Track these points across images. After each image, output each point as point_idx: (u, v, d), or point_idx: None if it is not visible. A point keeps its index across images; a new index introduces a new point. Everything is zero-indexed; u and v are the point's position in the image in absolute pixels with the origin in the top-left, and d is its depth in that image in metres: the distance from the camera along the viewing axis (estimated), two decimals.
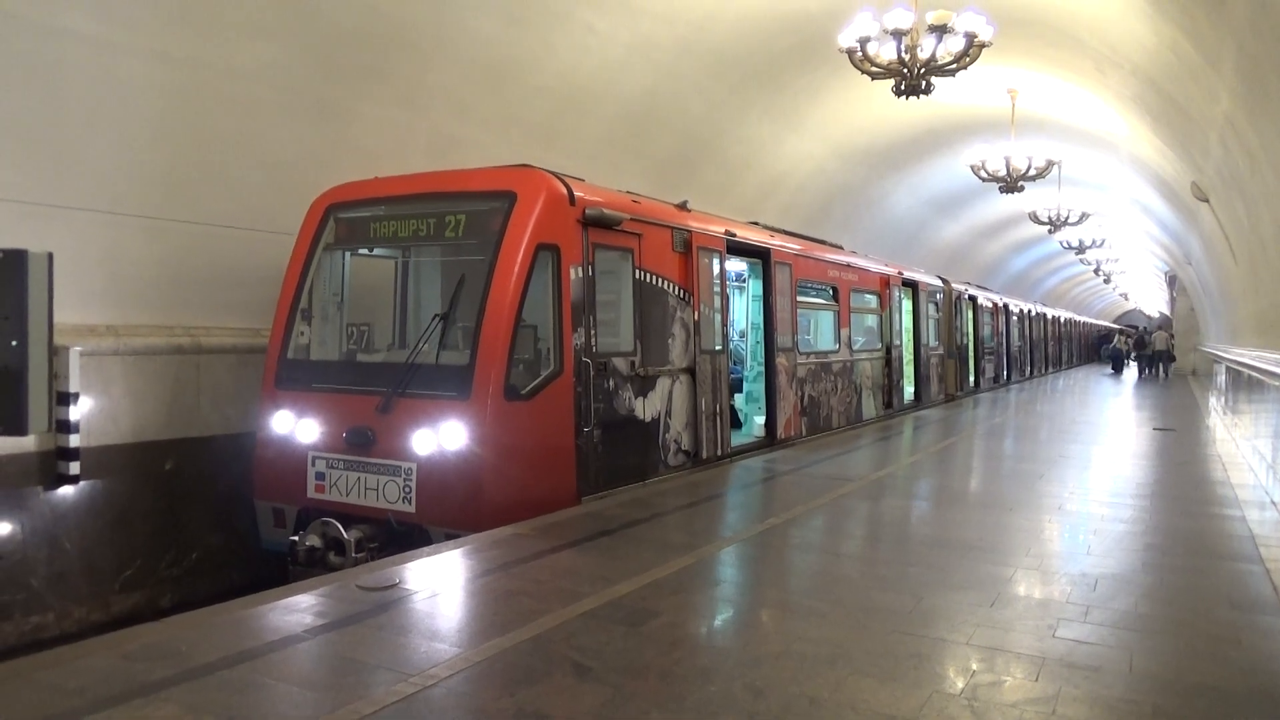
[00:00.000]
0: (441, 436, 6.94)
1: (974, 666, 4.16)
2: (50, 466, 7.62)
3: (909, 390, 17.38)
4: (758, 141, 15.52)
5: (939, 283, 19.60)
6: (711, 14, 11.44)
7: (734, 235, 10.50)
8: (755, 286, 12.18)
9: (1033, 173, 16.36)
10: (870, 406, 14.93)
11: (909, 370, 17.35)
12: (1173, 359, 33.60)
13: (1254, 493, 8.76)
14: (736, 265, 11.78)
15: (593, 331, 7.81)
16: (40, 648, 6.44)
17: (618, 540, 6.48)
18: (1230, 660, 4.27)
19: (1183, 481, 9.55)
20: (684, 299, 9.27)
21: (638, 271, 8.56)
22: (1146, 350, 33.81)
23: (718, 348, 9.90)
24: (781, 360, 11.51)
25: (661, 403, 8.79)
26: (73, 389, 7.58)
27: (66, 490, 7.75)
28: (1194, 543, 6.67)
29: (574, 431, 7.55)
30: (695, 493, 8.37)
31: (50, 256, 3.66)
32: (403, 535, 7.04)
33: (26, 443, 7.30)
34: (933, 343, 18.83)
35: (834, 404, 13.33)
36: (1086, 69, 12.49)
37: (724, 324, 10.18)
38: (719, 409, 9.79)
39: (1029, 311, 31.06)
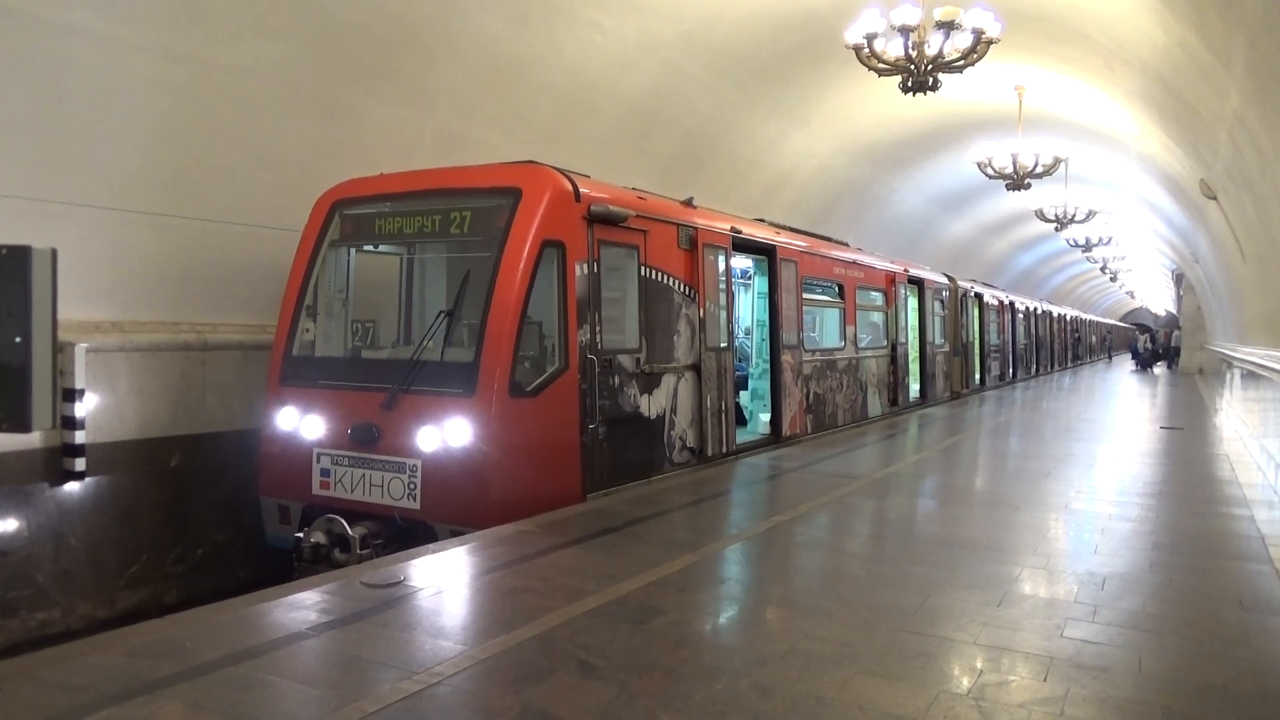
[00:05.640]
0: (446, 433, 6.94)
1: (981, 666, 4.13)
2: (56, 463, 7.63)
3: (914, 388, 17.33)
4: (764, 138, 15.49)
5: (945, 280, 19.54)
6: (718, 11, 11.40)
7: (739, 232, 10.47)
8: (761, 284, 12.15)
9: (1040, 170, 16.31)
10: (875, 404, 14.90)
11: (914, 368, 17.31)
12: (1163, 355, 36.92)
13: (1262, 492, 8.71)
14: (742, 262, 11.75)
15: (598, 328, 7.79)
16: (46, 644, 6.43)
17: (623, 538, 6.47)
18: (1240, 661, 4.24)
19: (1190, 480, 9.50)
20: (689, 296, 9.25)
21: (643, 268, 8.54)
22: (1156, 347, 38.77)
23: (723, 345, 9.88)
24: (787, 358, 11.48)
25: (666, 400, 8.77)
26: (78, 385, 7.59)
27: (72, 486, 7.76)
28: (1202, 542, 6.64)
29: (579, 428, 7.54)
30: (700, 490, 8.35)
31: (54, 252, 3.64)
32: (407, 532, 7.03)
33: (32, 439, 7.31)
34: (938, 340, 18.79)
35: (839, 401, 13.30)
36: (1095, 66, 12.43)
37: (729, 321, 10.16)
38: (724, 406, 9.77)
39: (1035, 309, 30.98)
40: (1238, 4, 6.94)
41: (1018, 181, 16.47)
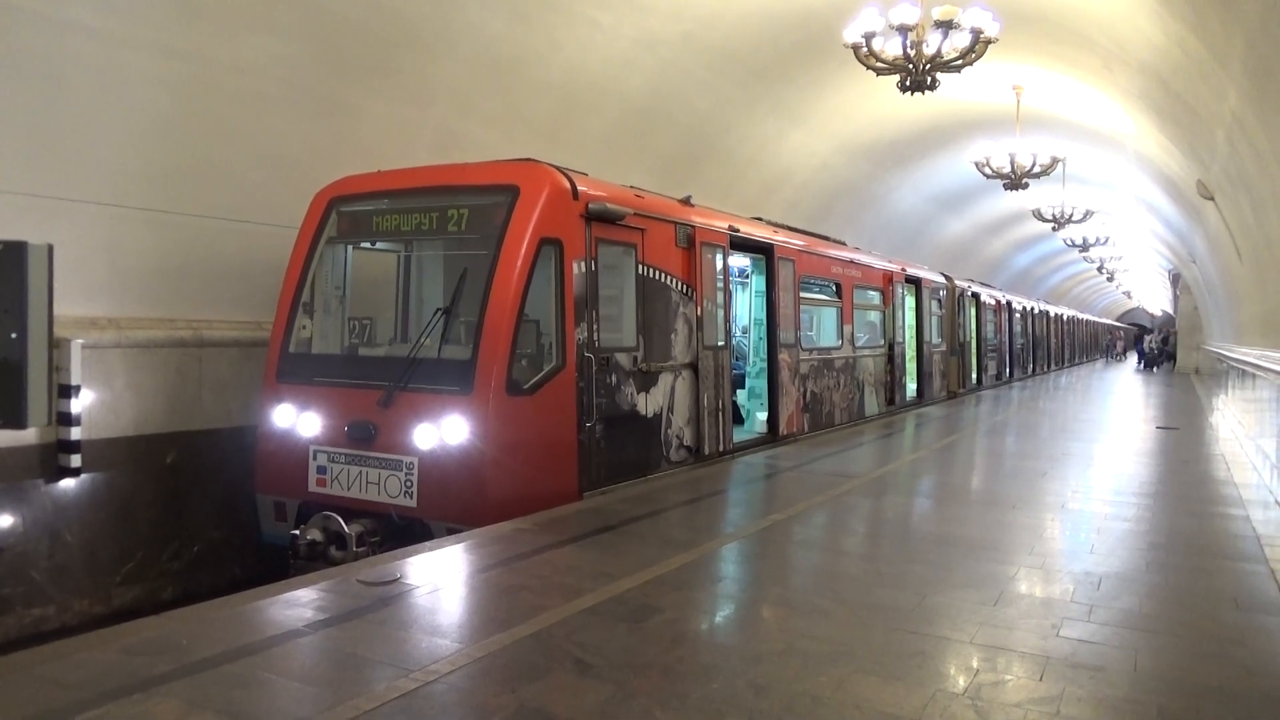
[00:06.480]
0: (443, 431, 6.93)
1: (977, 665, 4.14)
2: (51, 459, 7.62)
3: (911, 387, 17.35)
4: (762, 137, 15.48)
5: (942, 279, 19.56)
6: (717, 10, 11.39)
7: (737, 231, 10.47)
8: (758, 282, 12.16)
9: (1037, 170, 16.32)
10: (872, 403, 14.91)
11: (911, 367, 17.32)
12: (1171, 356, 37.30)
13: (1258, 492, 8.73)
14: (740, 261, 11.75)
15: (595, 326, 7.79)
16: (41, 641, 6.43)
17: (619, 536, 6.47)
18: (1235, 661, 4.24)
19: (1186, 480, 9.52)
20: (687, 294, 9.24)
21: (641, 266, 8.54)
22: (1167, 347, 39.90)
23: (720, 343, 9.88)
24: (784, 356, 11.49)
25: (664, 398, 8.77)
26: (74, 381, 7.58)
27: (68, 483, 7.74)
28: (1198, 542, 6.65)
29: (576, 427, 7.54)
30: (697, 489, 8.35)
31: (50, 249, 3.64)
32: (404, 530, 7.03)
33: (28, 435, 7.30)
34: (935, 340, 18.80)
35: (836, 400, 13.30)
36: (1093, 66, 12.43)
37: (727, 320, 10.15)
38: (721, 405, 9.77)
39: (1032, 309, 31.03)
40: (1236, 5, 6.94)
41: (1015, 181, 16.48)
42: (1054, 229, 23.53)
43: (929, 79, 9.95)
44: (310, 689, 3.78)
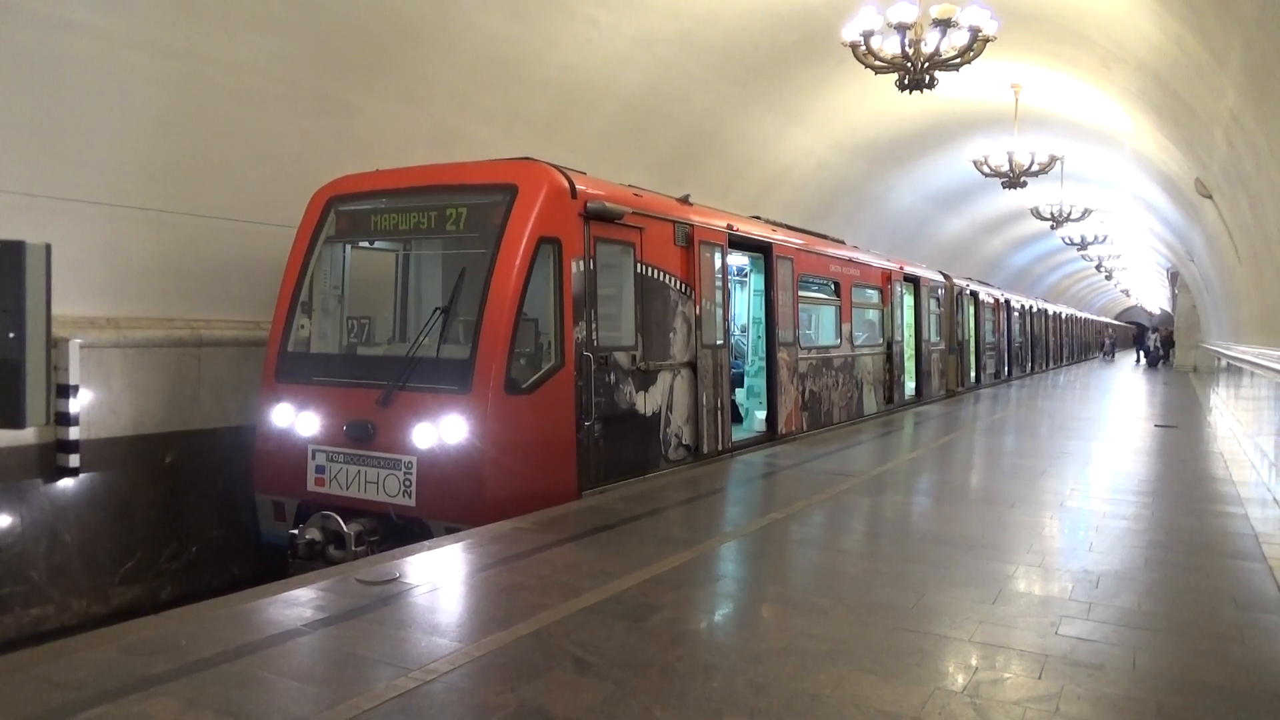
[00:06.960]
0: (442, 430, 6.93)
1: (976, 664, 4.14)
2: (50, 459, 7.61)
3: (910, 386, 17.35)
4: (760, 136, 15.48)
5: (940, 278, 19.57)
6: (715, 8, 11.38)
7: (736, 230, 10.47)
8: (757, 281, 12.17)
9: (1035, 168, 16.31)
10: (871, 402, 14.92)
11: (910, 366, 17.33)
12: (1162, 354, 38.11)
13: (1256, 490, 8.74)
14: (738, 260, 11.75)
15: (594, 325, 7.79)
16: (40, 640, 6.43)
17: (618, 535, 6.47)
18: (1234, 659, 4.25)
19: (1185, 478, 9.53)
20: (686, 293, 9.24)
21: (639, 265, 8.54)
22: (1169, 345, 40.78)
23: (719, 342, 9.88)
24: (783, 355, 11.49)
25: (662, 397, 8.77)
26: (72, 381, 7.57)
27: (66, 483, 7.74)
28: (1196, 540, 6.65)
29: (574, 425, 7.54)
30: (696, 487, 8.35)
31: (48, 248, 3.64)
32: (403, 529, 7.03)
33: (26, 435, 7.29)
34: (934, 338, 18.81)
35: (835, 399, 13.31)
36: (1091, 64, 12.43)
37: (725, 318, 10.15)
38: (720, 404, 9.78)
39: (1030, 307, 31.04)
40: (1234, 4, 6.94)
41: (1014, 180, 16.48)
42: (1052, 227, 23.52)
43: (927, 77, 9.96)
44: (309, 688, 3.78)
